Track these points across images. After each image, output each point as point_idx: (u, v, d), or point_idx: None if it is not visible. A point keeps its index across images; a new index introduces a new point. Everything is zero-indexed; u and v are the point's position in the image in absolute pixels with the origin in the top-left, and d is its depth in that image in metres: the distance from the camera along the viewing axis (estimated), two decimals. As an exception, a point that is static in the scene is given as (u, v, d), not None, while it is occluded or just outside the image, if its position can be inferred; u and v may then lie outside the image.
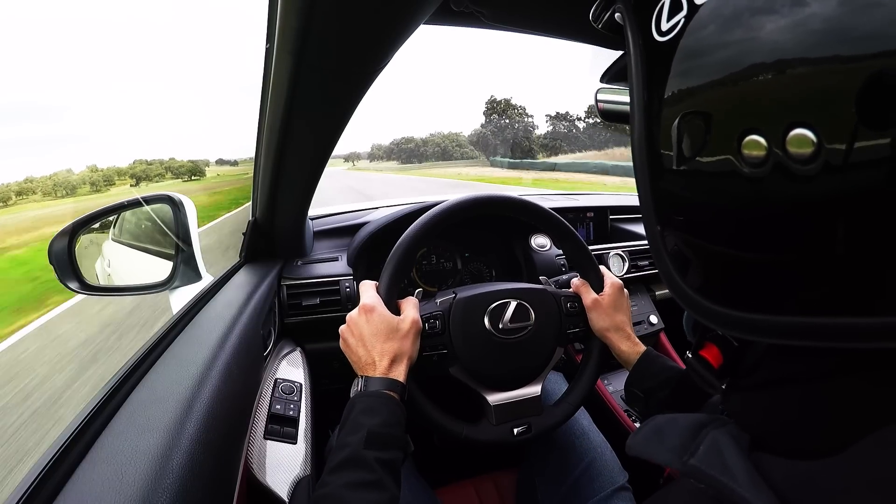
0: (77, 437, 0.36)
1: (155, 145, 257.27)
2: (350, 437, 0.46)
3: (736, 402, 0.34)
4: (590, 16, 0.34)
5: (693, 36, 0.24)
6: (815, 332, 0.22)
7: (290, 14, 0.38)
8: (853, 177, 0.19)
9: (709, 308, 0.27)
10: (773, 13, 0.20)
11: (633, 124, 0.29)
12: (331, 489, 0.42)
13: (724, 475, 0.25)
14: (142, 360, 0.48)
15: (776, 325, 0.24)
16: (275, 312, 0.79)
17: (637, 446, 0.35)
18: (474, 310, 0.61)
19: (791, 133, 0.20)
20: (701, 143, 0.24)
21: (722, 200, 0.24)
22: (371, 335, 0.54)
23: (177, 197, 0.84)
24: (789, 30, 0.19)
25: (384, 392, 0.50)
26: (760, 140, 0.21)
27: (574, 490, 0.67)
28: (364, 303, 0.56)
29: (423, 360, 0.58)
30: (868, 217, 0.19)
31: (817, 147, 0.19)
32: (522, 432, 0.60)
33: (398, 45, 0.44)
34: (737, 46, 0.21)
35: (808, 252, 0.22)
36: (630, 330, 0.64)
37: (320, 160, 0.68)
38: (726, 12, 0.21)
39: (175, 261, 0.83)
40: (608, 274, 0.68)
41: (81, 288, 0.76)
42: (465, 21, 0.52)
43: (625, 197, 1.50)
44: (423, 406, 0.57)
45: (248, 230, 0.84)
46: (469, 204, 0.64)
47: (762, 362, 0.33)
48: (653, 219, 0.29)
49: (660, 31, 0.26)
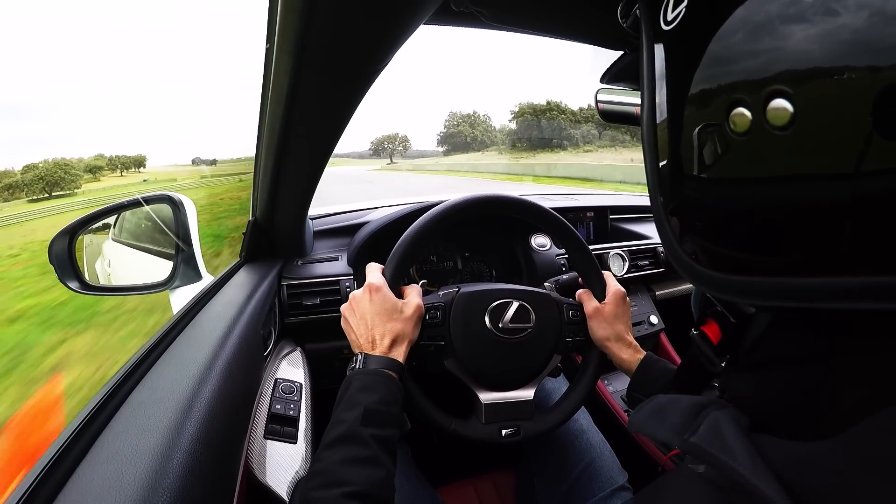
0: (77, 437, 0.36)
1: (141, 147, 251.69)
2: (346, 413, 0.46)
3: (735, 382, 0.35)
4: (618, 12, 0.36)
5: (722, 42, 0.25)
6: (786, 292, 0.24)
7: (290, 14, 0.38)
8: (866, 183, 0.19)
9: (701, 272, 0.28)
10: (803, 21, 0.20)
11: (642, 106, 0.31)
12: (326, 465, 0.42)
13: (725, 454, 0.26)
14: (142, 361, 0.48)
15: (754, 286, 0.25)
16: (275, 312, 0.79)
17: (638, 423, 0.35)
18: (476, 305, 0.61)
19: (770, 104, 0.21)
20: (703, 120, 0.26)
21: (717, 174, 0.26)
22: (374, 314, 0.54)
23: (177, 197, 0.84)
24: (819, 39, 0.20)
25: (383, 370, 0.50)
26: (745, 112, 0.23)
27: (573, 490, 0.67)
28: (370, 282, 0.56)
29: (421, 349, 0.58)
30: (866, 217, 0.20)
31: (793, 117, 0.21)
32: (510, 434, 0.60)
33: (398, 46, 0.44)
34: (767, 55, 0.22)
35: (789, 224, 0.23)
36: (630, 337, 0.64)
37: (320, 160, 0.68)
38: (757, 19, 0.22)
39: (175, 261, 0.83)
40: (611, 281, 0.67)
41: (81, 288, 0.76)
42: (466, 21, 0.52)
43: (625, 197, 1.50)
44: (414, 393, 0.57)
45: (249, 230, 0.84)
46: (478, 202, 0.64)
47: (761, 342, 0.34)
48: (656, 190, 0.31)
49: (666, 20, 0.28)
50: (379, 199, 1.29)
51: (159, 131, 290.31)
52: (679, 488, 0.30)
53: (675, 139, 0.28)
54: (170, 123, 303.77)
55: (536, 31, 0.54)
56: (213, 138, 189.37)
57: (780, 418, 0.29)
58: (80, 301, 3.34)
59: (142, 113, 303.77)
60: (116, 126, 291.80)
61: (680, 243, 0.30)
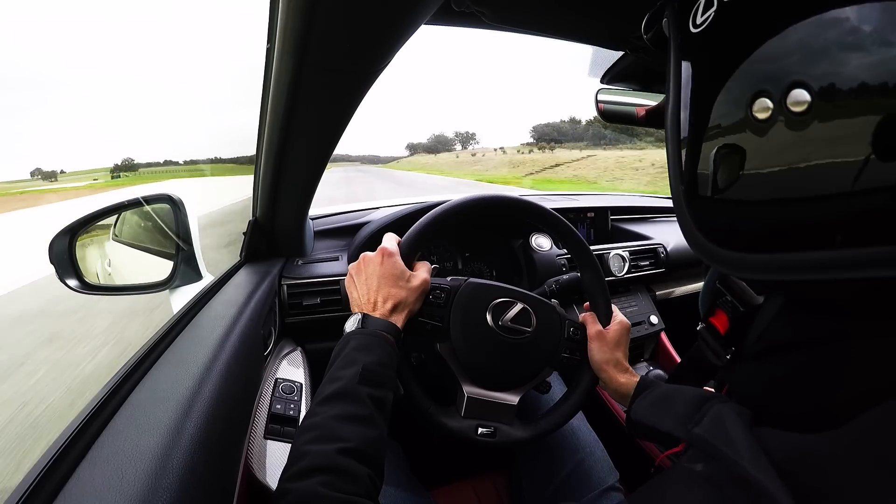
0: (77, 436, 0.36)
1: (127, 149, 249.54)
2: (343, 371, 0.45)
3: (738, 373, 0.35)
4: (642, 27, 0.38)
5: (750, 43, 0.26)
6: (803, 266, 0.24)
7: (291, 14, 0.38)
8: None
9: (720, 253, 0.29)
10: (860, 50, 0.21)
11: (667, 99, 0.32)
12: (321, 419, 0.41)
13: (728, 447, 0.26)
14: (142, 360, 0.48)
15: (773, 263, 0.26)
16: (275, 312, 0.79)
17: (642, 411, 0.35)
18: (481, 297, 0.61)
19: (790, 95, 0.23)
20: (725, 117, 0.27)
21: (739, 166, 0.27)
22: (382, 276, 0.54)
23: (177, 196, 0.84)
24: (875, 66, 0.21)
25: (381, 332, 0.50)
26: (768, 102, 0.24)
27: (559, 491, 0.66)
28: (384, 246, 0.57)
29: (418, 325, 0.58)
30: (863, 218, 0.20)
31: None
32: (486, 434, 0.59)
33: (399, 45, 0.44)
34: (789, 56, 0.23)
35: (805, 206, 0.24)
36: (627, 364, 0.63)
37: (321, 160, 0.68)
38: (815, 46, 0.23)
39: (175, 260, 0.83)
40: (617, 312, 0.67)
41: (82, 287, 0.76)
42: (467, 21, 0.52)
43: (625, 197, 1.50)
44: (402, 366, 0.57)
45: (249, 230, 0.84)
46: (485, 202, 0.64)
47: (766, 332, 0.34)
48: (678, 179, 0.32)
49: (695, 23, 0.29)
50: (380, 200, 1.29)
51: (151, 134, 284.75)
52: (676, 488, 0.30)
53: (698, 133, 0.29)
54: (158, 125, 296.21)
55: (537, 31, 0.54)
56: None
57: (782, 408, 0.29)
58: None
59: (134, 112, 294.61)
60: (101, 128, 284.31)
61: (699, 228, 0.31)
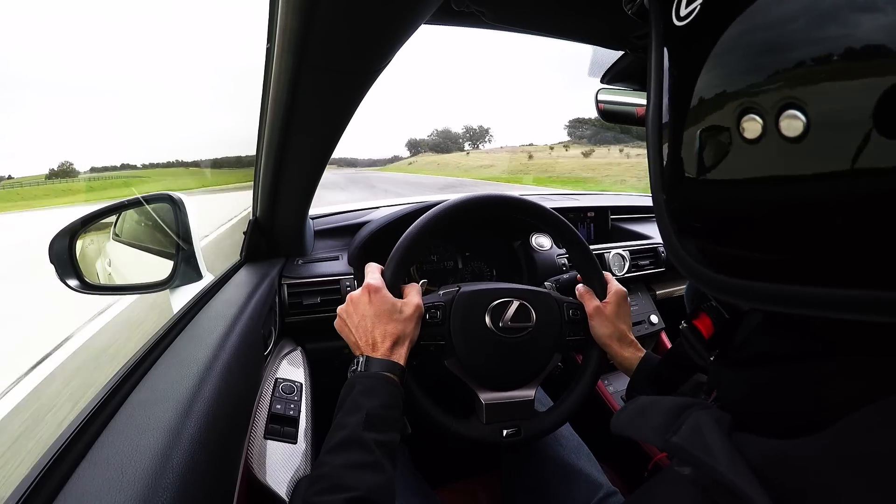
0: (77, 436, 0.36)
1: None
2: (349, 417, 0.46)
3: (722, 377, 0.35)
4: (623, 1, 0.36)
5: (735, 43, 0.24)
6: (781, 298, 0.23)
7: (291, 14, 0.38)
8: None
9: (700, 271, 0.28)
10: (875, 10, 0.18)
11: (648, 104, 0.31)
12: (329, 469, 0.42)
13: (705, 454, 0.26)
14: (142, 360, 0.48)
15: (750, 290, 0.25)
16: (275, 312, 0.79)
17: (621, 424, 0.35)
18: (476, 305, 0.61)
19: (783, 114, 0.20)
20: (710, 119, 0.25)
21: (721, 175, 0.25)
22: (374, 315, 0.54)
23: (177, 196, 0.84)
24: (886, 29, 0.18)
25: (384, 374, 0.50)
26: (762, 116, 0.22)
27: (553, 496, 0.66)
28: (369, 283, 0.56)
29: (421, 348, 0.58)
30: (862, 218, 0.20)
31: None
32: (511, 434, 0.60)
33: (399, 45, 0.44)
34: (779, 64, 0.21)
35: (792, 233, 0.23)
36: (632, 336, 0.64)
37: (321, 159, 0.68)
38: (821, 7, 0.20)
39: (175, 260, 0.83)
40: (612, 280, 0.67)
41: (82, 287, 0.76)
42: (467, 21, 0.52)
43: (625, 197, 1.50)
44: (416, 393, 0.57)
45: (249, 229, 0.84)
46: (478, 202, 0.64)
47: (751, 339, 0.34)
48: (659, 188, 0.31)
49: (679, 16, 0.27)
50: (380, 200, 1.29)
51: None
52: (665, 491, 0.31)
53: (679, 139, 0.27)
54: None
55: (537, 30, 0.54)
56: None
57: (763, 416, 0.29)
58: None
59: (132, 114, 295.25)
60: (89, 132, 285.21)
61: (680, 242, 0.30)
